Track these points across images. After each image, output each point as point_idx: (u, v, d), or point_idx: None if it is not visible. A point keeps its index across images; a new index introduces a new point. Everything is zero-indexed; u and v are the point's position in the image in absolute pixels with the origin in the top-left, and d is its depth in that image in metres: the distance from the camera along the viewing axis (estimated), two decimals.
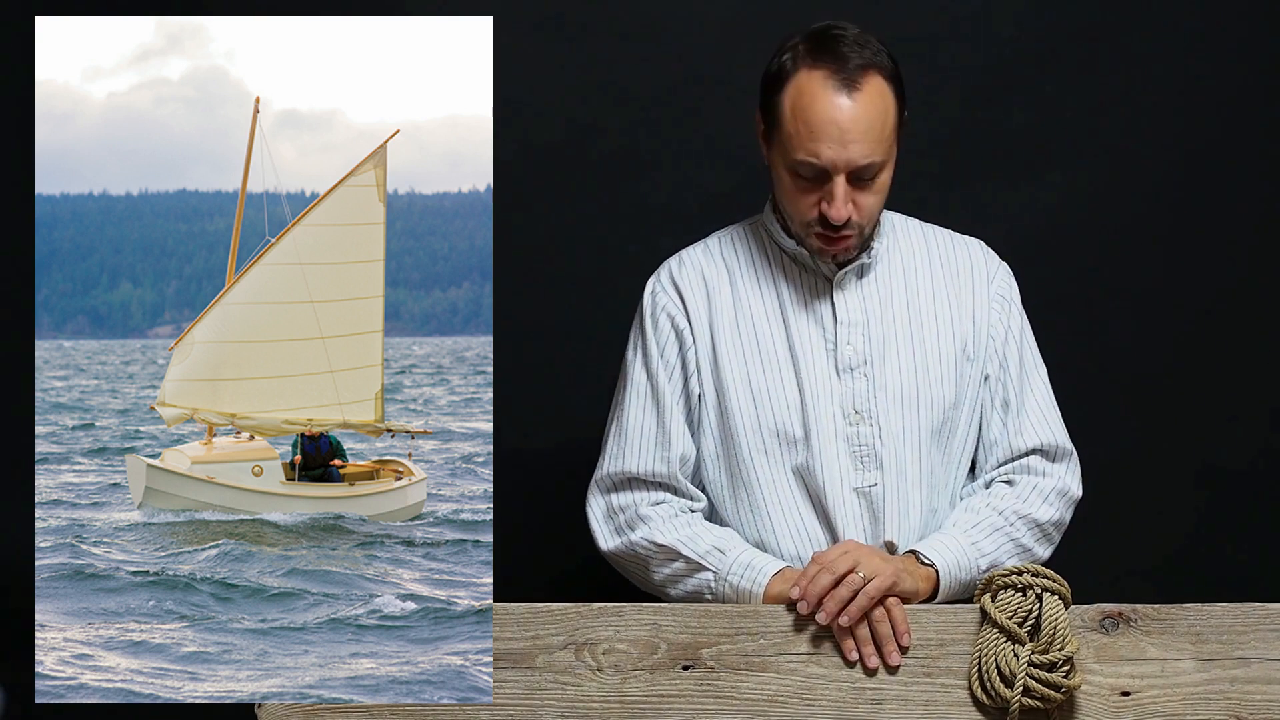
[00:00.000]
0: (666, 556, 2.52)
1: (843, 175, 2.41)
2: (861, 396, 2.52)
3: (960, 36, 3.43)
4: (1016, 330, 2.61)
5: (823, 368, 2.53)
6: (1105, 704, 2.31)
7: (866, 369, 2.53)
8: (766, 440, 2.53)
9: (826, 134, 2.40)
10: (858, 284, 2.57)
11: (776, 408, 2.53)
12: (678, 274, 2.62)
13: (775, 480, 2.53)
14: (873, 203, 2.47)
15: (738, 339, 2.56)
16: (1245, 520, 3.45)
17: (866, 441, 2.51)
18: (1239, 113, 3.45)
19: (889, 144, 2.45)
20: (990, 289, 2.61)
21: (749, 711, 2.33)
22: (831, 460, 2.50)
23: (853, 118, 2.40)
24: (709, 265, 2.62)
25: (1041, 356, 2.64)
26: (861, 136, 2.40)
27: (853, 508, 2.50)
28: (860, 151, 2.40)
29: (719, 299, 2.59)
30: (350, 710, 2.37)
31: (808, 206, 2.46)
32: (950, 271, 2.62)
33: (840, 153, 2.40)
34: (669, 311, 2.60)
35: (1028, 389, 2.60)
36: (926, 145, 3.39)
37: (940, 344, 2.56)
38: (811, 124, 2.41)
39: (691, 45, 3.44)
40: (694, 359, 2.58)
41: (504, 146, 3.45)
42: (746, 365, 2.55)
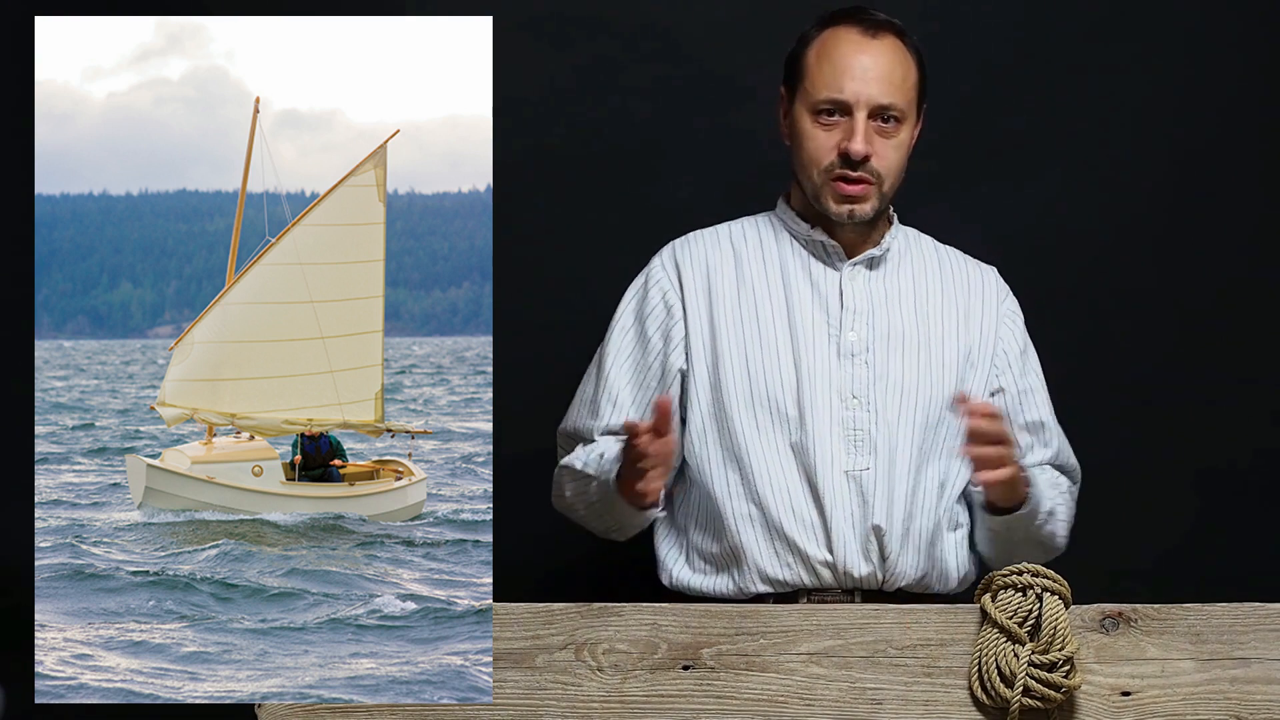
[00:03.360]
0: (569, 475, 2.63)
1: (864, 112, 2.53)
2: (861, 383, 2.55)
3: (960, 36, 3.43)
4: (1033, 351, 2.71)
5: (823, 351, 2.57)
6: (1105, 704, 2.32)
7: (868, 356, 2.57)
8: (759, 414, 2.56)
9: (850, 71, 2.54)
10: (867, 275, 2.62)
11: (770, 383, 2.56)
12: (680, 253, 2.69)
13: (768, 455, 2.56)
14: (892, 157, 2.56)
15: (738, 316, 2.61)
16: (1245, 520, 3.45)
17: (862, 426, 2.54)
18: (1238, 113, 3.45)
19: (909, 99, 2.58)
20: (1001, 307, 2.69)
21: (749, 711, 2.33)
22: (825, 441, 2.53)
23: (874, 59, 2.55)
24: (714, 248, 2.68)
25: (1039, 360, 2.72)
26: (884, 76, 2.54)
27: (842, 490, 2.53)
28: (881, 90, 2.54)
29: (720, 278, 2.64)
30: (350, 710, 2.37)
31: (829, 149, 2.55)
32: (961, 285, 2.68)
33: (863, 88, 2.53)
34: (662, 286, 2.66)
35: (1050, 412, 2.71)
36: (926, 145, 3.39)
37: (944, 345, 2.60)
38: (836, 63, 2.55)
39: (692, 45, 3.44)
40: (681, 333, 2.63)
41: (504, 146, 3.45)
42: (745, 342, 2.59)
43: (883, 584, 2.56)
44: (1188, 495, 3.46)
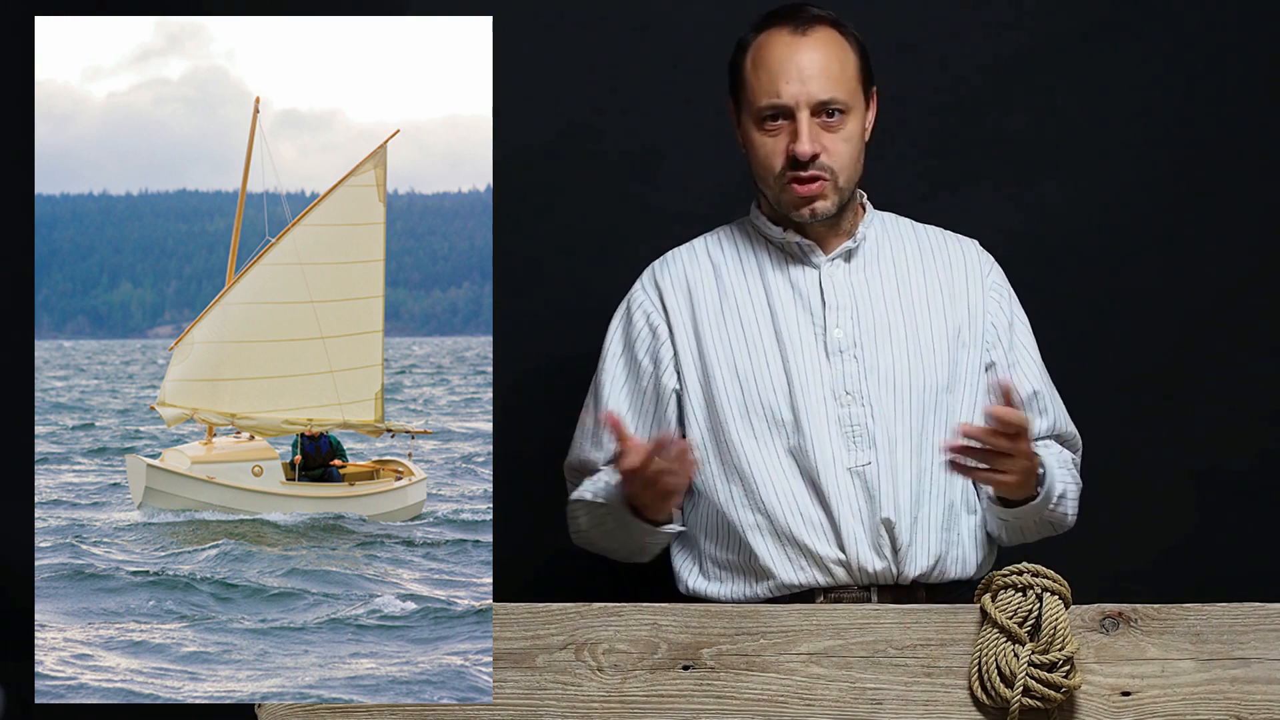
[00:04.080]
0: (583, 508, 2.65)
1: (806, 112, 2.52)
2: (852, 378, 2.56)
3: (959, 37, 3.43)
4: (1021, 321, 2.69)
5: (812, 352, 2.57)
6: (1105, 704, 2.32)
7: (856, 351, 2.57)
8: (755, 423, 2.57)
9: (785, 73, 2.54)
10: (846, 269, 2.62)
11: (763, 390, 2.57)
12: (659, 274, 2.69)
13: (767, 463, 2.56)
14: (842, 150, 2.55)
15: (723, 329, 2.61)
16: (1245, 520, 3.45)
17: (859, 421, 2.55)
18: (1239, 113, 3.45)
19: (851, 89, 2.56)
20: (986, 281, 2.68)
21: (749, 711, 2.33)
22: (824, 441, 2.54)
23: (809, 57, 2.54)
24: (692, 264, 2.68)
25: (1033, 330, 2.74)
26: (819, 73, 2.53)
27: (847, 487, 2.54)
28: (819, 86, 2.53)
29: (702, 293, 2.64)
30: (350, 710, 2.37)
31: (778, 154, 2.55)
32: (942, 262, 2.67)
33: (800, 88, 2.53)
34: (645, 309, 2.67)
35: (1045, 379, 2.69)
36: (927, 145, 3.40)
37: (932, 327, 2.60)
38: (770, 67, 2.55)
39: (693, 45, 3.44)
40: (669, 354, 2.64)
41: (504, 146, 3.45)
42: (733, 353, 2.60)
43: (897, 577, 2.56)
44: (1188, 495, 3.46)
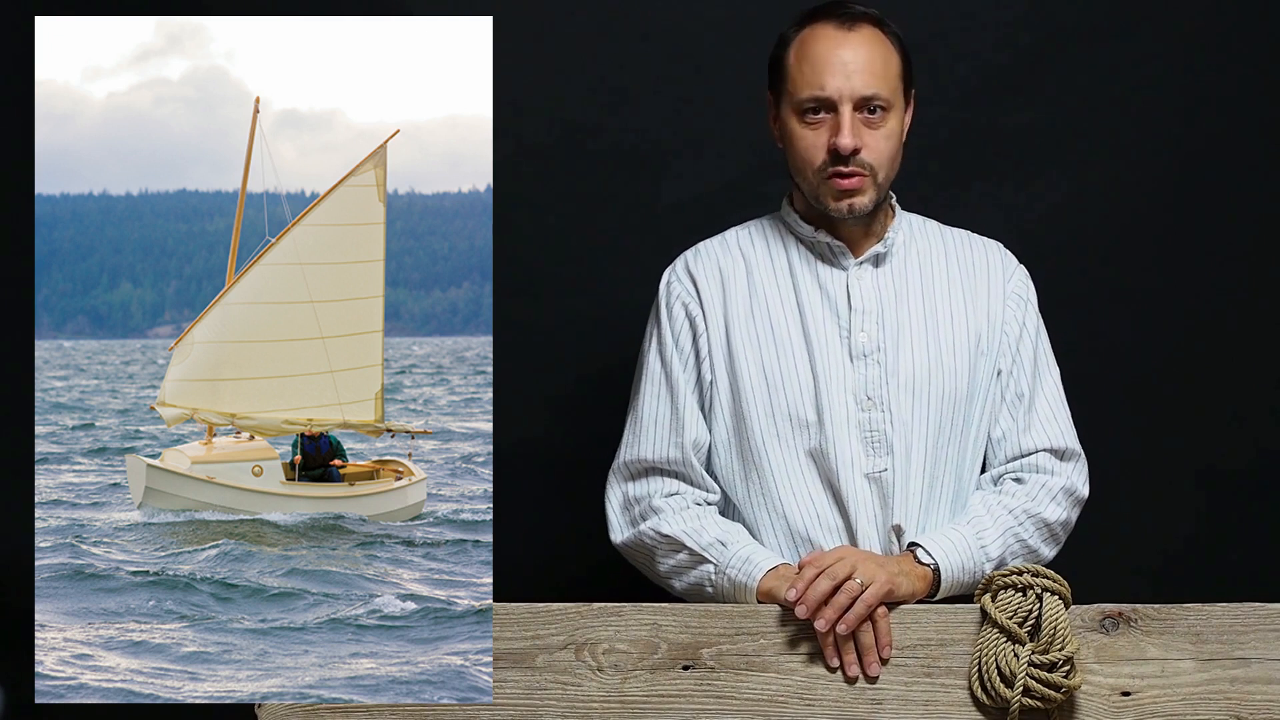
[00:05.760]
0: (671, 548, 2.54)
1: (849, 106, 2.52)
2: (874, 383, 2.55)
3: (960, 36, 3.43)
4: (1032, 329, 2.66)
5: (836, 354, 2.56)
6: (1105, 704, 2.31)
7: (879, 356, 2.56)
8: (779, 424, 2.55)
9: (830, 67, 2.53)
10: (874, 273, 2.61)
11: (790, 392, 2.55)
12: (693, 264, 2.67)
13: (787, 463, 2.55)
14: (883, 147, 2.55)
15: (752, 326, 2.60)
16: (1245, 520, 3.45)
17: (878, 427, 2.54)
18: (1239, 113, 3.45)
19: (893, 88, 2.56)
20: (1007, 287, 2.66)
21: (749, 711, 2.33)
22: (844, 445, 2.53)
23: (853, 52, 2.54)
24: (725, 256, 2.67)
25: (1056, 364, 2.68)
26: (863, 68, 2.53)
27: (863, 492, 2.53)
28: (863, 81, 2.52)
29: (734, 288, 2.63)
30: (350, 710, 2.37)
31: (819, 149, 2.54)
32: (967, 268, 2.66)
33: (844, 83, 2.52)
34: (683, 300, 2.64)
35: (1040, 388, 2.64)
36: (927, 145, 3.39)
37: (955, 336, 2.59)
38: (815, 61, 2.54)
39: (692, 45, 3.44)
40: (706, 346, 2.62)
41: (504, 146, 3.45)
42: (761, 351, 2.58)
43: None
44: (1188, 495, 3.46)
